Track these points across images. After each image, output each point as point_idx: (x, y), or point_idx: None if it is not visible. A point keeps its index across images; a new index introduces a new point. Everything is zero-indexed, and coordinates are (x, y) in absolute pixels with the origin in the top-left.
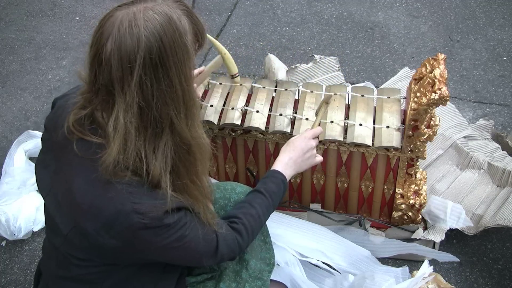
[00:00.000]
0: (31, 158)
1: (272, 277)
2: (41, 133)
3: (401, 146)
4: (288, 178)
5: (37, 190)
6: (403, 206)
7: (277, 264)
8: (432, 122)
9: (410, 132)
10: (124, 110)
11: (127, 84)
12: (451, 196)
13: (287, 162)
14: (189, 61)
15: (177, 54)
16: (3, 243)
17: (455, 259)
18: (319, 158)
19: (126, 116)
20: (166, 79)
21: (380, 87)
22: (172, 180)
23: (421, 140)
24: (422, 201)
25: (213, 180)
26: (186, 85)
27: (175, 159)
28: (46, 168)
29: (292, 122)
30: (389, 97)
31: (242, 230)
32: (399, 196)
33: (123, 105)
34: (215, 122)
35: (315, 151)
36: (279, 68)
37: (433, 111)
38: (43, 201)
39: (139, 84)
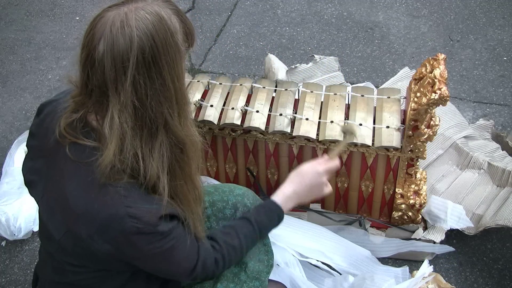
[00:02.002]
0: None
1: (272, 277)
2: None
3: (401, 146)
4: (286, 211)
5: None
6: (403, 206)
7: (277, 264)
8: (432, 122)
9: (410, 132)
10: (119, 110)
11: (120, 84)
12: (451, 196)
13: (289, 196)
14: (181, 60)
15: (169, 53)
16: (3, 243)
17: (451, 249)
18: (327, 190)
19: (121, 116)
20: (159, 78)
21: (380, 87)
22: (168, 180)
23: (421, 140)
24: (422, 201)
25: (213, 181)
26: (178, 83)
27: (171, 159)
28: (37, 173)
29: (292, 122)
30: (389, 97)
31: (219, 260)
32: (399, 196)
33: (117, 105)
34: (215, 122)
35: (324, 184)
36: (279, 68)
37: (433, 111)
38: None
39: (133, 83)
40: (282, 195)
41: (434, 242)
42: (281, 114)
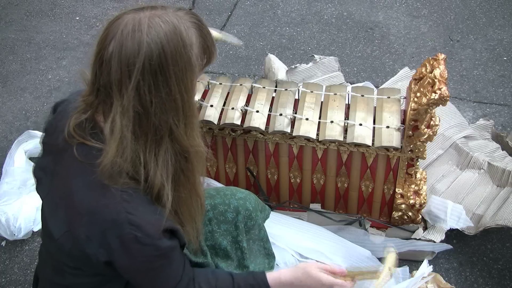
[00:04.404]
0: (31, 158)
1: None
2: (41, 133)
3: (401, 146)
4: None
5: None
6: (403, 206)
7: (276, 264)
8: (432, 122)
9: (410, 132)
10: (121, 113)
11: (125, 87)
12: (451, 196)
13: (284, 284)
14: (192, 73)
15: (179, 64)
16: (3, 243)
17: (449, 247)
18: None
19: (123, 119)
20: (165, 87)
21: (380, 87)
22: (172, 189)
23: (421, 140)
24: (422, 201)
25: (213, 181)
26: (186, 95)
27: (176, 167)
28: (44, 170)
29: (292, 122)
30: (389, 97)
31: None
32: (399, 196)
33: (119, 107)
34: (215, 122)
35: None
36: (279, 68)
37: (433, 111)
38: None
39: (136, 88)
40: (278, 280)
41: (434, 242)
42: (281, 114)
